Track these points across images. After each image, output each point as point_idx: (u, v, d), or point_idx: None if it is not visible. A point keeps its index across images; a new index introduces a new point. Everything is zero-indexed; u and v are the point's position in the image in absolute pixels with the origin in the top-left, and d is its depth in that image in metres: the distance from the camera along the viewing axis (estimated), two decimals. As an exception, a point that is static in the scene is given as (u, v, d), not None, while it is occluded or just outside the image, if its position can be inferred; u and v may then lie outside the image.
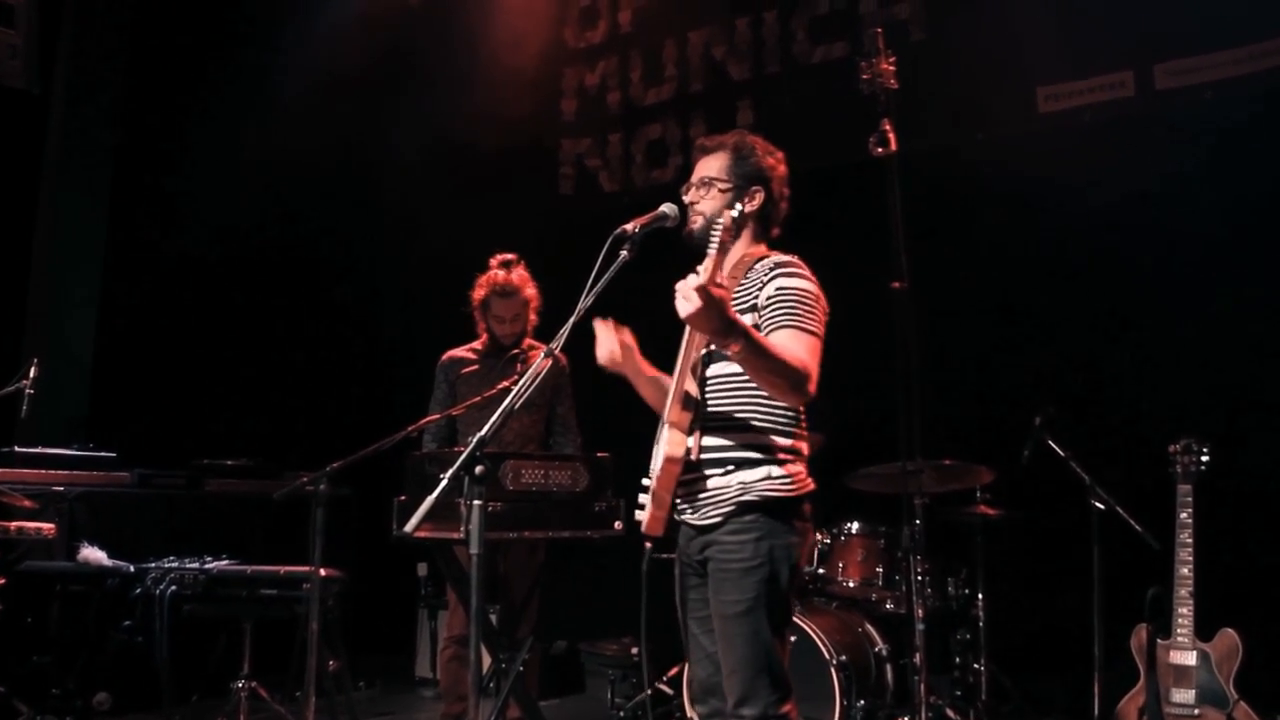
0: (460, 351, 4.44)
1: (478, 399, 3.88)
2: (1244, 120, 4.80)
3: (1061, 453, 4.17)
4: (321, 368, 7.10)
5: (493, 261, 4.36)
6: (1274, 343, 4.67)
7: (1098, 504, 4.06)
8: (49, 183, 6.55)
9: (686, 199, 2.77)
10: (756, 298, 2.61)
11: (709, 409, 2.64)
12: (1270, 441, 4.60)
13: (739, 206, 2.64)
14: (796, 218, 2.92)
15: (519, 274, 4.32)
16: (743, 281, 2.65)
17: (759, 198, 2.75)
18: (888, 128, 3.69)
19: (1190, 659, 3.66)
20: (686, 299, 2.31)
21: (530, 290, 4.33)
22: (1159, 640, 3.73)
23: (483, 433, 2.43)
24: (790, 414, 2.65)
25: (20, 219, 6.48)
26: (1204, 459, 3.80)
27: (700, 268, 2.45)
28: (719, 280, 2.38)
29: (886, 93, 3.73)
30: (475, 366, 4.37)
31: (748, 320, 2.55)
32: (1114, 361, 5.11)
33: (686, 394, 2.61)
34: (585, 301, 2.53)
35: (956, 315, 5.22)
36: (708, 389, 2.66)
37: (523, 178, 7.11)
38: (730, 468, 2.60)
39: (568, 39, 7.14)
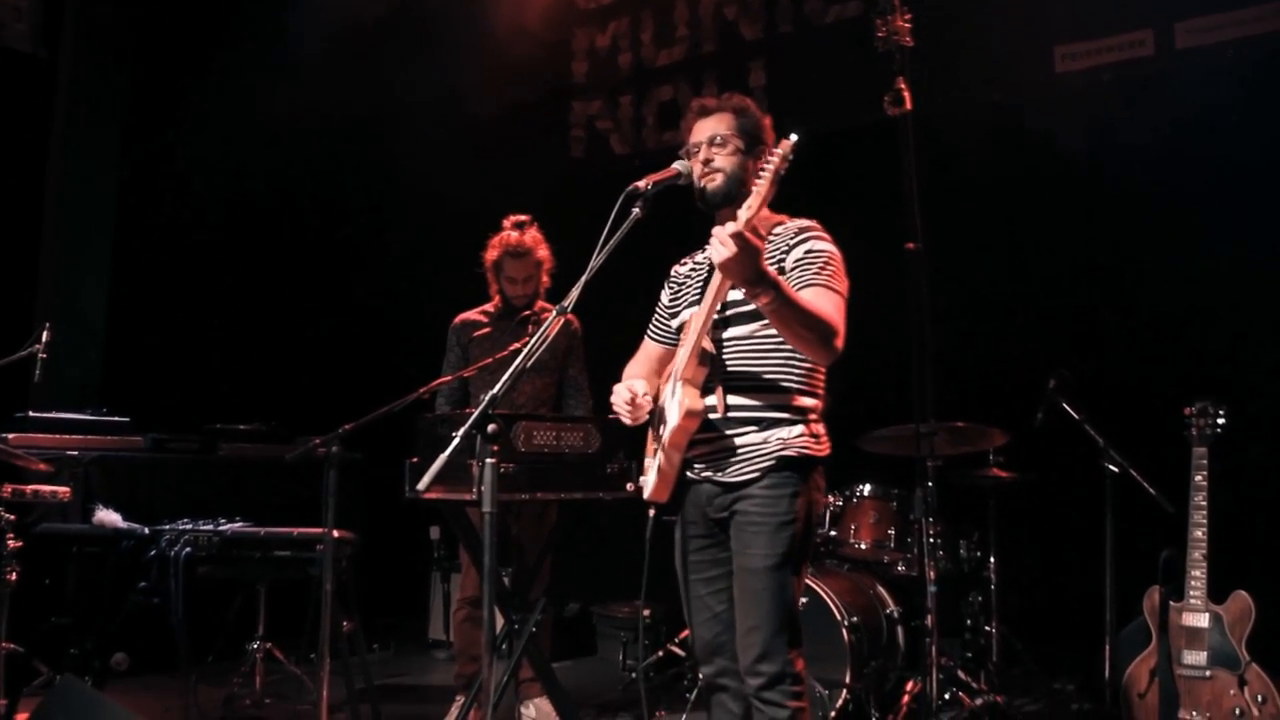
0: (472, 314, 4.43)
1: (489, 360, 3.88)
2: (1265, 77, 4.73)
3: (1075, 415, 4.15)
4: (333, 331, 7.11)
5: (506, 222, 4.34)
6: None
7: (1111, 467, 4.04)
8: (58, 148, 6.54)
9: (700, 158, 2.72)
10: (783, 261, 2.62)
11: (736, 368, 2.63)
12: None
13: (791, 140, 2.53)
14: (809, 178, 2.88)
15: (532, 235, 4.30)
16: (764, 244, 2.63)
17: (766, 156, 2.71)
18: (902, 86, 3.63)
19: (1203, 621, 3.65)
20: (723, 244, 2.31)
21: (543, 251, 4.31)
22: (1171, 602, 3.72)
23: (494, 391, 2.42)
24: (816, 375, 2.67)
25: (30, 184, 6.48)
26: (1219, 421, 3.77)
27: (744, 206, 2.43)
28: (755, 228, 2.35)
29: (902, 50, 3.67)
30: (487, 329, 4.36)
31: None
32: (1129, 323, 5.08)
33: (704, 351, 2.60)
34: (597, 260, 2.51)
35: (970, 276, 5.18)
36: (727, 349, 2.65)
37: (534, 140, 7.07)
38: (765, 425, 2.60)
39: (578, 0, 7.06)
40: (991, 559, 4.56)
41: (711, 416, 2.60)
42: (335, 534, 3.75)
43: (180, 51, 6.74)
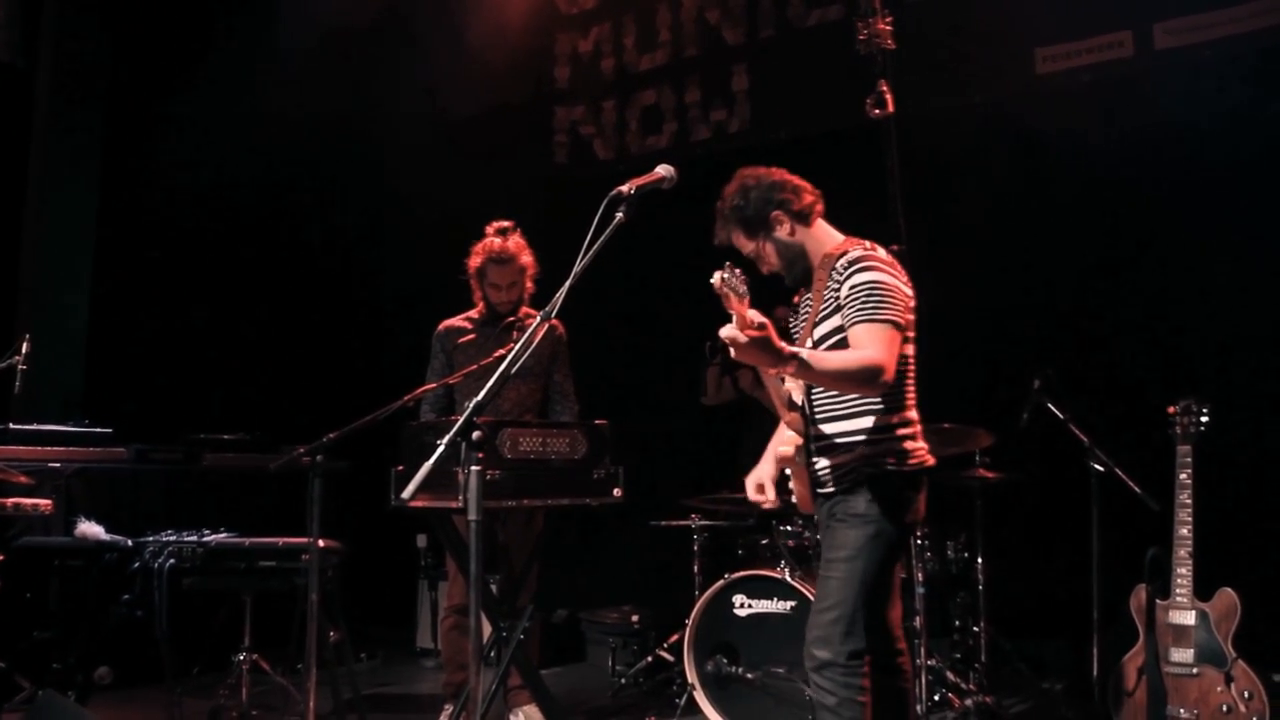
0: (457, 321, 4.41)
1: (474, 367, 3.87)
2: (1243, 78, 4.76)
3: (1060, 415, 4.15)
4: (317, 339, 7.08)
5: (489, 229, 4.33)
6: (1275, 302, 4.66)
7: (1097, 466, 4.05)
8: (38, 157, 6.50)
9: (765, 272, 3.02)
10: (838, 296, 2.80)
11: (817, 398, 2.89)
12: (1270, 402, 4.60)
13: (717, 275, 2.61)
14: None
15: (515, 241, 4.29)
16: (828, 283, 2.85)
17: (781, 216, 2.92)
18: (885, 89, 3.66)
19: (1189, 619, 3.66)
20: (730, 345, 2.52)
21: (527, 257, 4.30)
22: (1158, 600, 3.73)
23: (479, 398, 2.41)
24: (893, 395, 2.83)
25: (10, 194, 6.44)
26: (1203, 420, 3.79)
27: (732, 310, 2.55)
28: (750, 322, 2.50)
29: (883, 53, 3.70)
30: (472, 335, 4.34)
31: (835, 321, 2.81)
32: (1113, 323, 5.10)
33: (789, 398, 2.92)
34: (581, 265, 2.50)
35: (954, 278, 5.18)
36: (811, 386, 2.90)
37: (517, 146, 7.06)
38: (849, 448, 2.84)
39: (560, 5, 7.06)
40: (979, 559, 4.57)
41: (810, 446, 2.90)
42: (321, 544, 3.73)
43: (160, 61, 6.70)
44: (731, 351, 2.55)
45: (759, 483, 3.01)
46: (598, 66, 6.89)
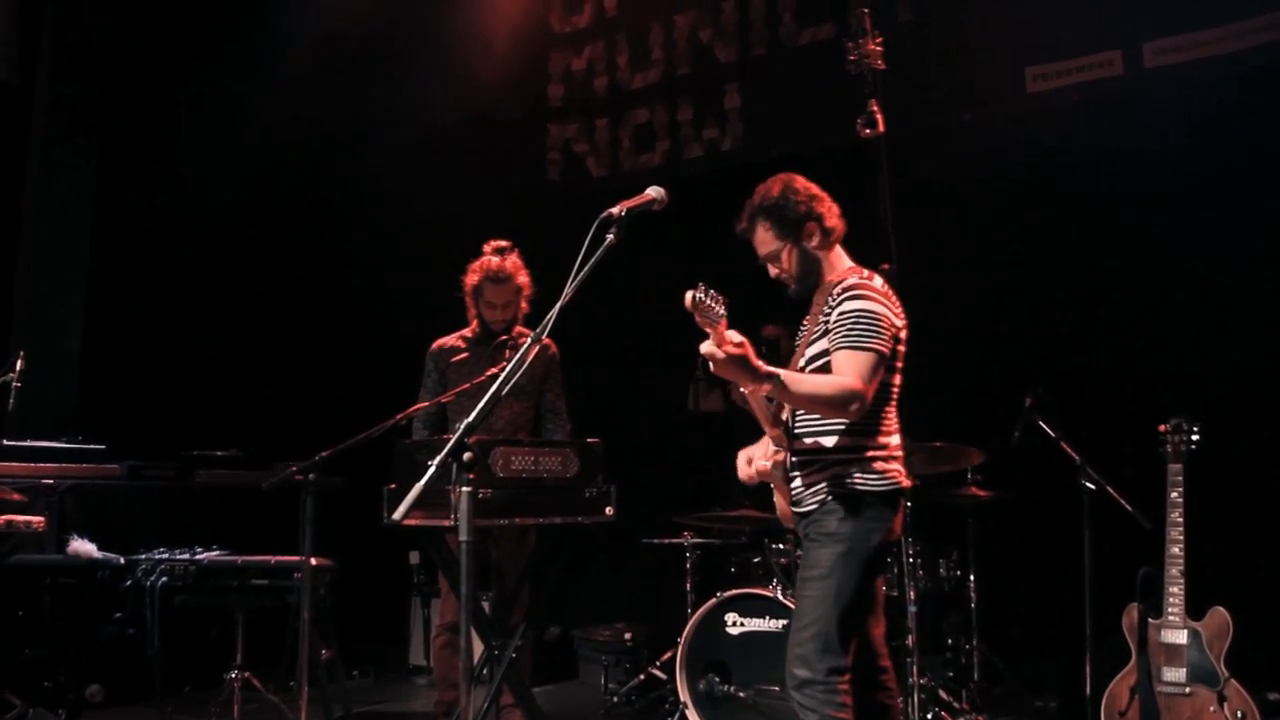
0: (450, 339, 4.42)
1: (467, 385, 3.87)
2: (1231, 96, 4.80)
3: (1052, 433, 4.17)
4: (311, 357, 7.07)
5: (486, 248, 4.33)
6: (1264, 320, 4.68)
7: (1088, 484, 4.06)
8: (34, 173, 6.52)
9: (771, 274, 3.05)
10: (829, 321, 2.87)
11: (801, 418, 2.93)
12: (1260, 420, 4.62)
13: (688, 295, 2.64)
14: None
15: (513, 261, 4.30)
16: (824, 308, 2.91)
17: (814, 228, 2.96)
18: (875, 109, 3.67)
19: (1181, 638, 3.66)
20: (708, 359, 2.61)
21: (523, 277, 4.31)
22: (1150, 619, 3.73)
23: (470, 419, 2.42)
24: (869, 420, 2.85)
25: (6, 211, 6.45)
26: (1194, 438, 3.80)
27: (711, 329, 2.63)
28: (727, 340, 2.60)
29: (874, 73, 3.71)
30: (465, 354, 4.35)
31: (823, 344, 2.86)
32: (1104, 341, 5.12)
33: (774, 413, 2.95)
34: (572, 286, 2.52)
35: (946, 297, 5.21)
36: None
37: (511, 163, 7.08)
38: (825, 466, 2.87)
39: (553, 23, 7.09)
40: (971, 578, 4.57)
41: (789, 461, 2.95)
42: (313, 562, 3.73)
43: (156, 78, 6.72)
44: (711, 367, 2.61)
45: (749, 459, 3.09)
46: (591, 84, 6.93)
